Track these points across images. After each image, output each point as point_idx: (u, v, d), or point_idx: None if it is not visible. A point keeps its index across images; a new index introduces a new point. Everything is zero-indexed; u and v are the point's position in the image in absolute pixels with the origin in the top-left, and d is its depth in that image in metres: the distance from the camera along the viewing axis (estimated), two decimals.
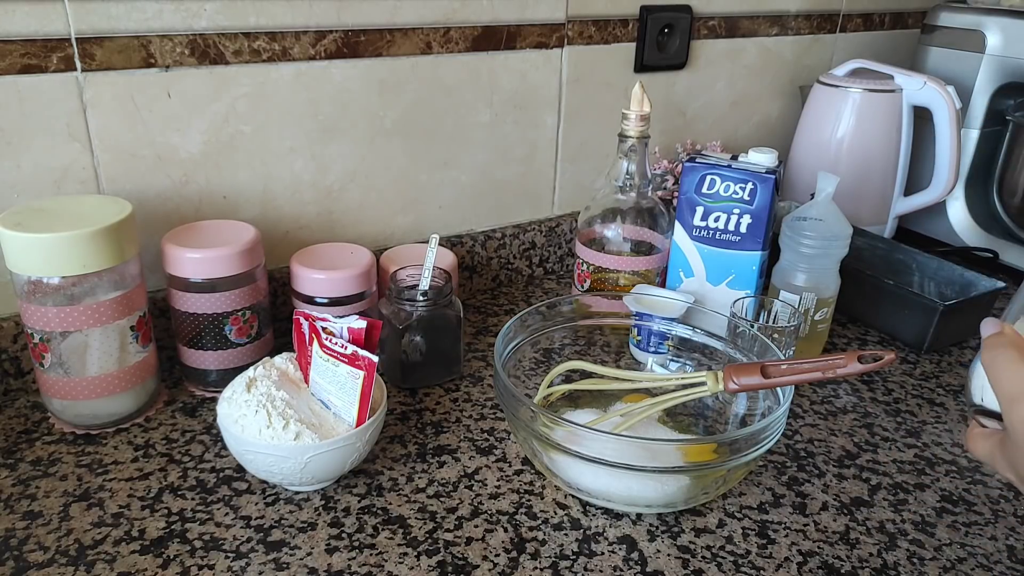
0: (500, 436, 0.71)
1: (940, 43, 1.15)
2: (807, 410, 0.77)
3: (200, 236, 0.72)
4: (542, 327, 0.76)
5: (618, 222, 0.87)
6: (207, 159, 0.78)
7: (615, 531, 0.60)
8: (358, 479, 0.64)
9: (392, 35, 0.84)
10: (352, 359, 0.60)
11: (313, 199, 0.86)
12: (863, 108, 1.06)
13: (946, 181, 1.07)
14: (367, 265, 0.78)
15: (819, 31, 1.22)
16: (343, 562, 0.56)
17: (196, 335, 0.72)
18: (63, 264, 0.62)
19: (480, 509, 0.62)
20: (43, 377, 0.67)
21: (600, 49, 1.00)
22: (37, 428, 0.69)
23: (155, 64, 0.72)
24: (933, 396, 0.81)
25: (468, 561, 0.56)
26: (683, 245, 0.82)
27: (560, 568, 0.56)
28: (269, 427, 0.58)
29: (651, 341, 0.79)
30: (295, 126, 0.82)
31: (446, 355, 0.78)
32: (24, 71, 0.67)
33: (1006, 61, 1.09)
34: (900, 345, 0.90)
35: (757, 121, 1.23)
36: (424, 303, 0.75)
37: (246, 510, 0.60)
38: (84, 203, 0.67)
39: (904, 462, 0.70)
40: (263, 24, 0.76)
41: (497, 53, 0.92)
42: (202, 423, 0.71)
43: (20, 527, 0.58)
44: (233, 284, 0.71)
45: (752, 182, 0.77)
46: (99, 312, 0.64)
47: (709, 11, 1.08)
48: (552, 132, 1.01)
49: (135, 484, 0.63)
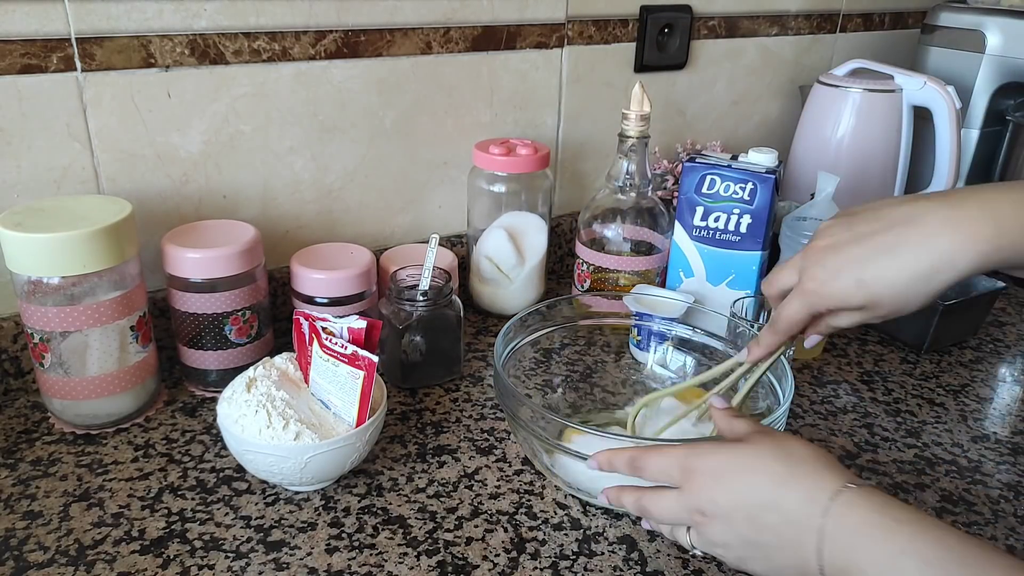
0: (500, 436, 0.71)
1: (940, 43, 1.15)
2: (807, 410, 0.77)
3: (200, 236, 0.72)
4: (542, 327, 0.76)
5: (618, 222, 0.87)
6: (207, 159, 0.78)
7: (615, 531, 0.60)
8: (358, 479, 0.64)
9: (392, 35, 0.84)
10: (352, 359, 0.60)
11: (313, 199, 0.86)
12: (863, 108, 1.06)
13: (946, 181, 1.07)
14: (367, 265, 0.78)
15: (819, 31, 1.22)
16: (343, 562, 0.56)
17: (196, 335, 0.72)
18: (63, 264, 0.62)
19: (480, 509, 0.62)
20: (43, 377, 0.67)
21: (600, 49, 1.00)
22: (37, 428, 0.69)
23: (155, 64, 0.72)
24: (933, 396, 0.81)
25: (468, 561, 0.56)
26: (683, 245, 0.82)
27: (560, 568, 0.56)
28: (269, 427, 0.58)
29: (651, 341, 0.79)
30: (295, 126, 0.82)
31: (446, 355, 0.78)
32: (24, 71, 0.67)
33: (1006, 61, 1.09)
34: (900, 345, 0.91)
35: (757, 121, 1.23)
36: (424, 303, 0.75)
37: (246, 510, 0.60)
38: (84, 203, 0.67)
39: (904, 462, 0.70)
40: (263, 24, 0.76)
41: (497, 53, 0.92)
42: (202, 423, 0.71)
43: (20, 527, 0.58)
44: (233, 284, 0.71)
45: (752, 182, 0.77)
46: (99, 312, 0.64)
47: (709, 11, 1.08)
48: (552, 132, 1.01)
49: (135, 484, 0.63)
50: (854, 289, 0.48)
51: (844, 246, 0.49)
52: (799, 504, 0.43)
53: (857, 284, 0.48)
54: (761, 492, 0.45)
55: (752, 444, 0.47)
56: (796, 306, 0.52)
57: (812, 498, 0.43)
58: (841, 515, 0.42)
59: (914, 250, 0.46)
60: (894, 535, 0.40)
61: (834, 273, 0.49)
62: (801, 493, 0.44)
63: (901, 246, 0.46)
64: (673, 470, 0.49)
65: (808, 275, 0.51)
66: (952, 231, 0.45)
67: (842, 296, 0.49)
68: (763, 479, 0.45)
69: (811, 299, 0.51)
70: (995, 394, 0.82)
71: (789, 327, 0.54)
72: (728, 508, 0.46)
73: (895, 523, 0.41)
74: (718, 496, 0.46)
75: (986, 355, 0.90)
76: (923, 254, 0.46)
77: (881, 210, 0.49)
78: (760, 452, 0.47)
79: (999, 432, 0.75)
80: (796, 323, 0.53)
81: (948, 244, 0.45)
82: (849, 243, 0.49)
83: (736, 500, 0.46)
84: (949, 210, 0.46)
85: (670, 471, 0.49)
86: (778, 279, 0.54)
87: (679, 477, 0.49)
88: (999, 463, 0.70)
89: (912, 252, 0.46)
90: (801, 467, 0.45)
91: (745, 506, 0.45)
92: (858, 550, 0.41)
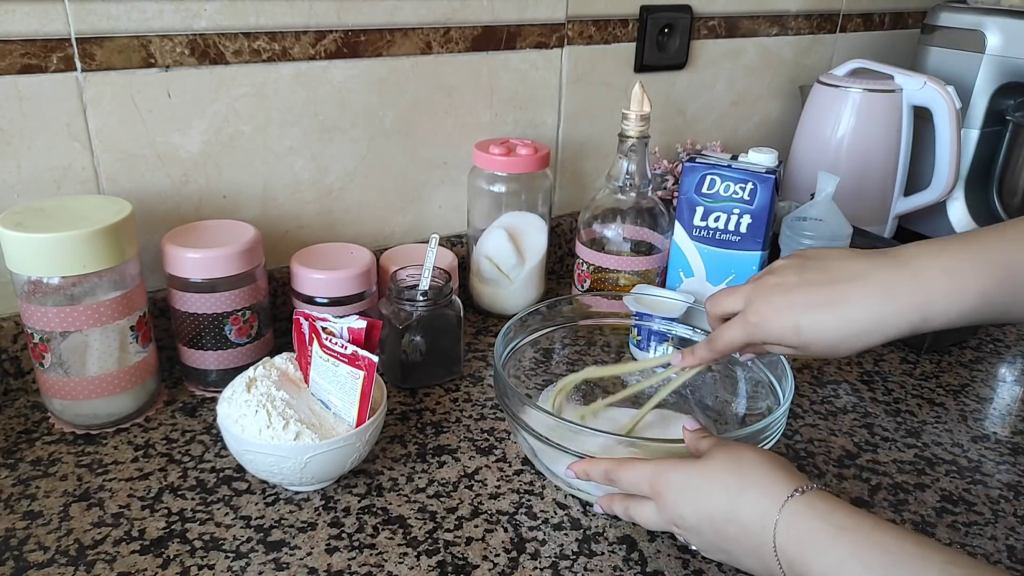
0: (500, 436, 0.71)
1: (940, 43, 1.15)
2: (807, 410, 0.77)
3: (200, 236, 0.72)
4: (542, 327, 0.76)
5: (618, 222, 0.87)
6: (207, 159, 0.78)
7: (615, 531, 0.60)
8: (358, 479, 0.64)
9: (392, 35, 0.84)
10: (352, 359, 0.60)
11: (313, 199, 0.86)
12: (863, 108, 1.06)
13: (946, 181, 1.07)
14: (367, 265, 0.78)
15: (819, 31, 1.22)
16: (343, 562, 0.56)
17: (196, 335, 0.72)
18: (63, 264, 0.62)
19: (480, 509, 0.62)
20: (43, 377, 0.67)
21: (600, 49, 1.00)
22: (37, 428, 0.69)
23: (155, 64, 0.72)
24: (933, 396, 0.81)
25: (468, 561, 0.56)
26: (683, 245, 0.82)
27: (560, 568, 0.56)
28: (269, 427, 0.58)
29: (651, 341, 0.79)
30: (295, 126, 0.82)
31: (446, 355, 0.78)
32: (24, 71, 0.67)
33: (1006, 61, 1.09)
34: (900, 345, 0.90)
35: (757, 121, 1.23)
36: (424, 303, 0.75)
37: (246, 510, 0.60)
38: (84, 203, 0.67)
39: (904, 462, 0.70)
40: (263, 24, 0.76)
41: (497, 53, 0.92)
42: (202, 423, 0.71)
43: (20, 527, 0.58)
44: (233, 284, 0.71)
45: (752, 182, 0.77)
46: (99, 312, 0.64)
47: (709, 11, 1.08)
48: (552, 132, 1.01)
49: (135, 484, 0.63)
50: (791, 333, 0.53)
51: (791, 289, 0.53)
52: (752, 516, 0.46)
53: (795, 329, 0.53)
54: (719, 505, 0.48)
55: (709, 458, 0.50)
56: (737, 333, 0.57)
57: (763, 511, 0.46)
58: (788, 526, 0.45)
59: (851, 310, 0.51)
60: (837, 543, 0.43)
61: (776, 313, 0.54)
62: (753, 504, 0.47)
63: (840, 304, 0.51)
64: (643, 486, 0.52)
65: (753, 308, 0.55)
66: (886, 298, 0.50)
67: (779, 335, 0.54)
68: (719, 492, 0.48)
69: (751, 331, 0.56)
70: (995, 394, 0.82)
71: (726, 348, 0.59)
72: (694, 522, 0.49)
73: (837, 530, 0.43)
74: (684, 512, 0.49)
75: (986, 355, 0.90)
76: (856, 315, 0.51)
77: (831, 261, 0.54)
78: (715, 467, 0.49)
79: (999, 432, 0.75)
80: (733, 347, 0.58)
81: (879, 310, 0.50)
82: (796, 287, 0.53)
83: (699, 515, 0.49)
84: (888, 273, 0.50)
85: (640, 486, 0.52)
86: (724, 303, 0.59)
87: (650, 493, 0.52)
88: (999, 463, 0.70)
89: (848, 312, 0.51)
90: (751, 475, 0.48)
91: (708, 519, 0.48)
92: (807, 560, 0.44)
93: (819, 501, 0.45)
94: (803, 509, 0.45)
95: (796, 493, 0.46)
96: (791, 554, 0.44)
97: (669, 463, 0.51)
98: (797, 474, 0.48)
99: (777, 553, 0.45)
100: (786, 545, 0.45)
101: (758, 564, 0.47)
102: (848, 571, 0.42)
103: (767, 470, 0.48)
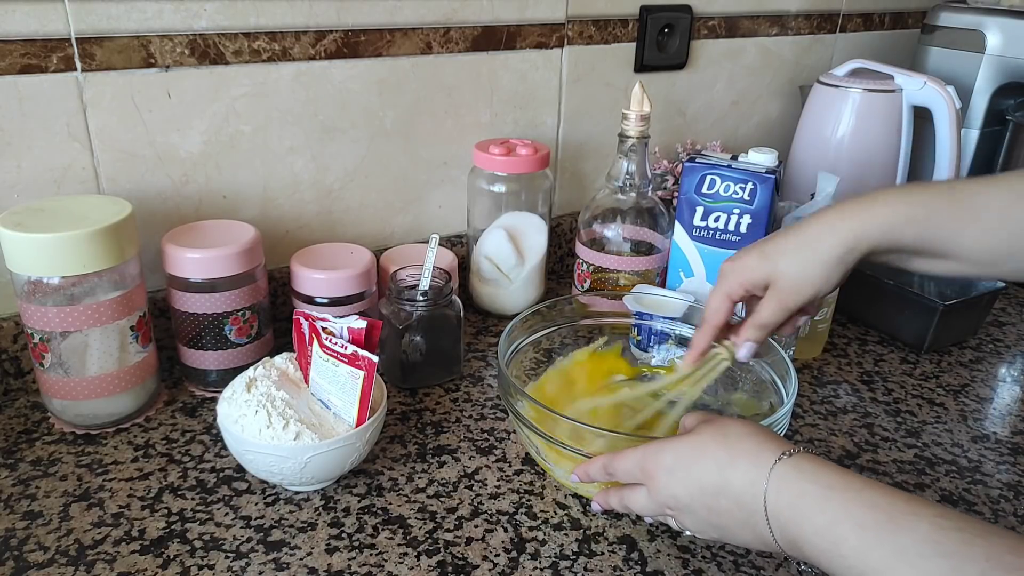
0: (500, 436, 0.71)
1: (940, 43, 1.15)
2: (807, 410, 0.77)
3: (200, 236, 0.72)
4: (543, 327, 0.76)
5: (618, 222, 0.87)
6: (207, 159, 0.78)
7: (615, 531, 0.60)
8: (358, 479, 0.64)
9: (392, 35, 0.84)
10: (352, 359, 0.60)
11: (313, 199, 0.86)
12: (863, 108, 1.06)
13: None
14: (367, 265, 0.78)
15: (819, 31, 1.22)
16: (343, 562, 0.56)
17: (196, 335, 0.72)
18: (63, 264, 0.62)
19: (480, 509, 0.61)
20: (43, 377, 0.67)
21: (600, 49, 1.00)
22: (37, 428, 0.69)
23: (155, 64, 0.72)
24: (933, 396, 0.81)
25: (468, 561, 0.56)
26: (683, 245, 0.82)
27: (560, 568, 0.56)
28: (269, 427, 0.58)
29: (651, 341, 0.79)
30: (295, 126, 0.82)
31: (446, 355, 0.78)
32: (24, 71, 0.67)
33: (1006, 61, 1.09)
34: (900, 345, 0.90)
35: (757, 121, 1.23)
36: (424, 303, 0.75)
37: (246, 510, 0.60)
38: (84, 203, 0.67)
39: (904, 462, 0.70)
40: (263, 24, 0.76)
41: (497, 53, 0.92)
42: (202, 423, 0.71)
43: (20, 527, 0.58)
44: (233, 284, 0.71)
45: (752, 182, 0.77)
46: (99, 312, 0.64)
47: (709, 11, 1.08)
48: (552, 132, 1.01)
49: (135, 484, 0.63)
50: (757, 261, 0.58)
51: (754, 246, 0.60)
52: (743, 486, 0.46)
53: (760, 256, 0.58)
54: (709, 479, 0.48)
55: (696, 434, 0.50)
56: (714, 292, 0.61)
57: (753, 479, 0.46)
58: (778, 491, 0.45)
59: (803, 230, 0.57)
60: (828, 503, 0.43)
61: (742, 255, 0.60)
62: (742, 474, 0.46)
63: (794, 231, 0.57)
64: (636, 471, 0.52)
65: (722, 268, 0.61)
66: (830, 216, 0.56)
67: (748, 268, 0.59)
68: (709, 466, 0.48)
69: (722, 282, 0.60)
70: (995, 394, 0.82)
71: (712, 315, 0.61)
72: (687, 500, 0.49)
73: (827, 491, 0.43)
74: (676, 491, 0.49)
75: (986, 355, 0.90)
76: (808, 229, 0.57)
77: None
78: (703, 441, 0.49)
79: (999, 432, 0.75)
80: (716, 310, 0.61)
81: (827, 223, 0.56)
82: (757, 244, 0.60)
83: (691, 491, 0.49)
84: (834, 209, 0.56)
85: (634, 472, 0.52)
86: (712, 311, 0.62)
87: (642, 477, 0.52)
88: (999, 463, 0.70)
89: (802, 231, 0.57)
90: (739, 446, 0.48)
91: (700, 495, 0.48)
92: (800, 523, 0.43)
93: (806, 463, 0.45)
94: (791, 472, 0.45)
95: (783, 456, 0.46)
96: (783, 519, 0.44)
97: (657, 444, 0.51)
98: (784, 441, 0.48)
99: (769, 520, 0.45)
100: (777, 510, 0.44)
101: (752, 536, 0.46)
102: (841, 531, 0.41)
103: (755, 440, 0.48)
